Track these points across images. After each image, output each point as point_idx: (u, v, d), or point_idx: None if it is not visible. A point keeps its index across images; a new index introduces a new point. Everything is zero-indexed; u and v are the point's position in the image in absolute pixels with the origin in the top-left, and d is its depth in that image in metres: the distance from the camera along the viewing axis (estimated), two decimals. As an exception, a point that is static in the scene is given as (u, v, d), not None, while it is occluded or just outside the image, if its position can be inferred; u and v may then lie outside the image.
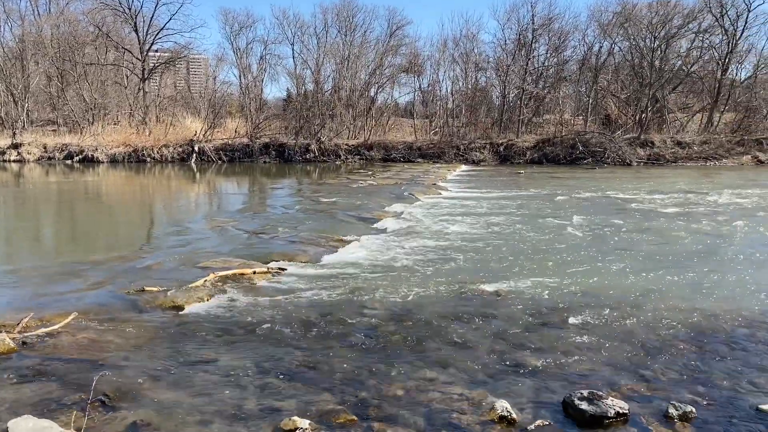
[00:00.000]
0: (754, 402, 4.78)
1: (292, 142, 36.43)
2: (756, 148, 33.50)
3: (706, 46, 39.03)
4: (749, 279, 8.63)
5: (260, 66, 43.92)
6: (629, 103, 39.33)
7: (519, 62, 40.24)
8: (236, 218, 14.61)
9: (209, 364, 5.59)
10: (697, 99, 40.67)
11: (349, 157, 36.06)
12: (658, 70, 37.24)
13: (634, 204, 16.58)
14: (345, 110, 39.68)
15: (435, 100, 43.76)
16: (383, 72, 42.45)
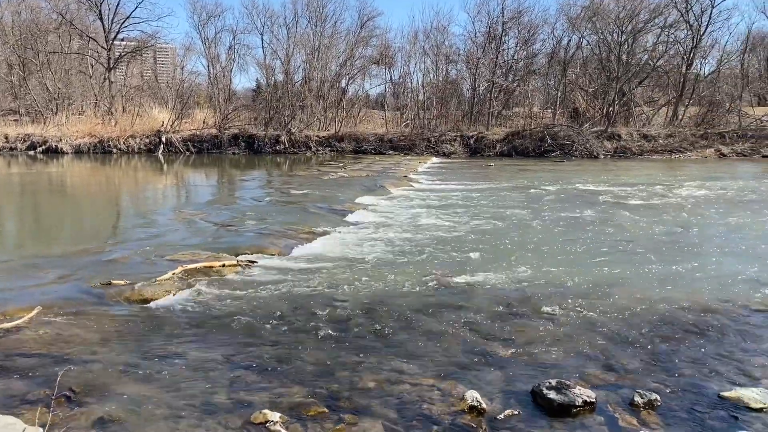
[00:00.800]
0: (717, 389, 4.90)
1: (261, 133, 36.09)
2: (719, 142, 34.27)
3: (672, 41, 39.77)
4: (713, 269, 8.84)
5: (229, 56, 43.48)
6: (597, 97, 39.86)
7: (489, 55, 40.47)
8: (205, 210, 14.44)
9: (178, 357, 5.53)
10: (662, 93, 41.41)
11: (319, 148, 35.88)
12: (625, 64, 37.80)
13: (601, 196, 16.83)
14: (315, 101, 39.45)
15: (406, 92, 43.79)
16: (354, 63, 42.32)
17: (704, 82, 40.19)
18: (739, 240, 11.00)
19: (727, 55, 41.23)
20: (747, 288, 7.81)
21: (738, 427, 4.30)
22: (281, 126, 36.60)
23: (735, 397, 4.72)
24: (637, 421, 4.42)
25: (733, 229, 12.13)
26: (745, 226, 12.41)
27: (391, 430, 4.29)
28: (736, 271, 8.73)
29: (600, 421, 4.43)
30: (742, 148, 33.70)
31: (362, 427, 4.33)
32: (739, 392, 4.77)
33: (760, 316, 6.74)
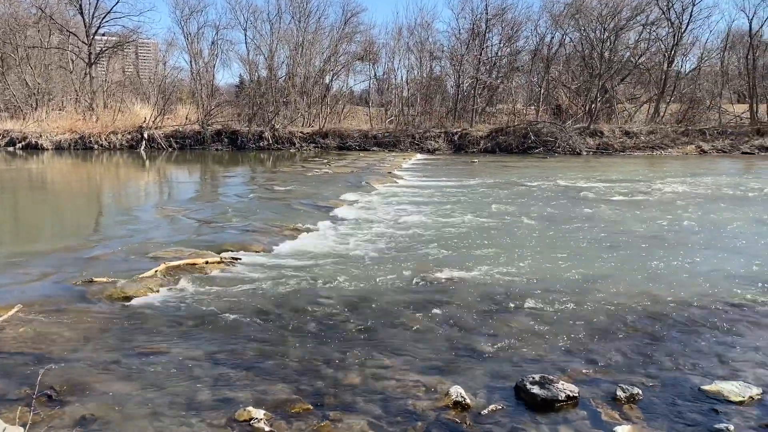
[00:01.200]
0: (697, 383, 4.97)
1: (245, 129, 35.88)
2: (699, 138, 34.65)
3: (653, 39, 40.13)
4: (694, 264, 8.94)
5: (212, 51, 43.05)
6: (579, 94, 40.12)
7: (473, 52, 40.53)
8: (188, 207, 14.34)
9: (161, 355, 5.49)
10: (644, 90, 41.78)
11: (303, 145, 35.75)
12: (608, 61, 38.07)
13: (583, 192, 16.95)
14: (299, 97, 39.30)
15: (390, 89, 43.72)
16: (338, 59, 42.19)
17: (685, 80, 40.61)
18: (719, 236, 11.14)
19: (708, 52, 41.69)
20: (727, 283, 7.91)
21: (718, 420, 4.36)
22: (265, 122, 36.42)
23: (715, 391, 4.78)
24: (620, 415, 4.46)
25: (714, 225, 12.27)
26: (725, 222, 12.56)
27: (375, 426, 4.30)
28: (717, 266, 8.84)
29: (583, 416, 4.47)
30: (722, 145, 34.11)
31: (347, 423, 4.33)
32: (719, 386, 4.83)
33: (740, 311, 6.84)
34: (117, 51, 44.24)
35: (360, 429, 4.26)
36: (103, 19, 40.74)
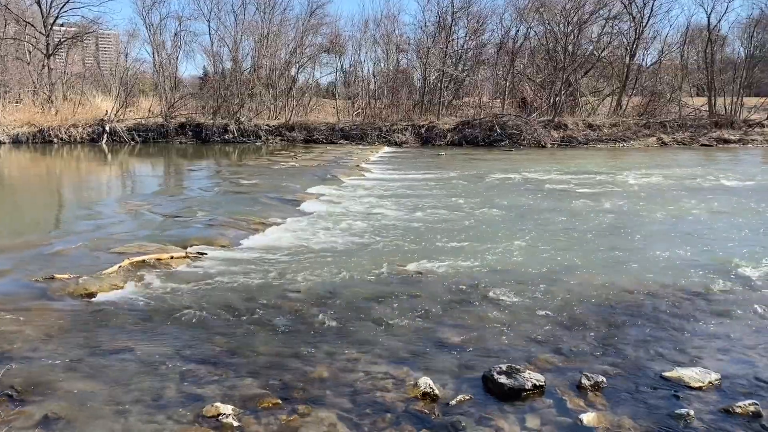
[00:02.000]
0: (659, 369, 5.09)
1: (209, 122, 35.38)
2: (660, 131, 35.35)
3: (616, 33, 40.72)
4: (655, 254, 9.15)
5: (175, 43, 42.21)
6: (544, 87, 40.53)
7: (439, 45, 40.62)
8: (151, 201, 14.10)
9: (125, 352, 5.40)
10: (607, 83, 42.41)
11: (269, 137, 35.40)
12: (571, 55, 38.53)
13: (548, 185, 17.18)
14: (265, 90, 38.88)
15: (357, 81, 43.58)
16: (304, 51, 41.83)
17: (646, 73, 41.37)
18: (680, 226, 11.41)
19: (668, 46, 42.52)
20: (687, 272, 8.11)
21: (679, 405, 4.48)
22: (230, 115, 35.96)
23: (676, 377, 4.91)
24: (585, 402, 4.55)
25: (674, 215, 12.57)
26: (685, 212, 12.88)
27: (344, 419, 4.30)
28: (678, 256, 9.05)
29: (549, 404, 4.54)
30: (682, 137, 34.87)
31: (316, 417, 4.33)
32: (679, 372, 4.96)
33: (699, 299, 7.02)
34: (76, 42, 43.11)
35: (329, 422, 4.26)
36: (62, 9, 39.67)
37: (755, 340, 5.81)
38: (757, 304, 6.81)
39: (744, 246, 9.66)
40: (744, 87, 39.61)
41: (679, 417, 4.30)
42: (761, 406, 4.41)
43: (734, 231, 10.97)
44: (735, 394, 4.67)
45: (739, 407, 4.39)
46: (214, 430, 4.14)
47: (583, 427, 4.20)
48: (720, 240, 10.17)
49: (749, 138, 34.73)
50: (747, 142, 34.38)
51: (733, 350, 5.55)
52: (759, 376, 5.00)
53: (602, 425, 4.22)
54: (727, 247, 9.58)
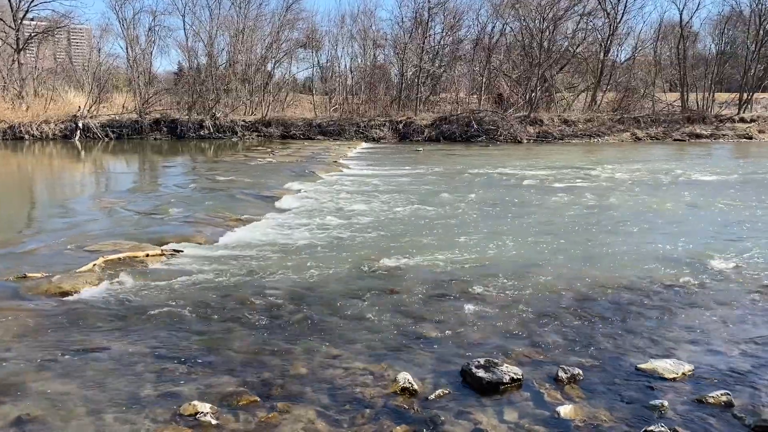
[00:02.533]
0: (634, 362, 5.17)
1: (185, 117, 35.00)
2: (634, 126, 35.82)
3: (590, 29, 41.16)
4: (630, 248, 9.27)
5: (149, 38, 41.59)
6: (520, 83, 40.80)
7: (416, 40, 40.64)
8: (126, 198, 13.91)
9: (101, 351, 5.33)
10: (581, 79, 42.84)
11: (246, 133, 35.13)
12: (547, 51, 38.83)
13: (525, 180, 17.31)
14: (241, 85, 38.55)
15: (334, 77, 43.45)
16: (280, 46, 41.56)
17: (620, 69, 41.86)
18: (653, 220, 11.58)
19: (642, 42, 43.13)
20: (661, 265, 8.24)
21: (653, 396, 4.55)
22: (205, 110, 35.61)
23: (650, 369, 4.98)
24: (561, 395, 4.60)
25: (648, 209, 12.75)
26: (659, 206, 13.07)
27: (324, 415, 4.30)
28: (652, 249, 9.19)
29: (526, 397, 4.59)
30: (656, 132, 35.38)
31: (295, 414, 4.31)
32: (654, 364, 5.04)
33: (672, 292, 7.14)
34: (47, 37, 42.28)
35: (308, 419, 4.25)
36: (32, 2, 38.79)
37: (727, 331, 5.92)
38: (728, 296, 6.95)
39: (716, 239, 9.84)
40: (715, 83, 40.31)
41: (653, 408, 4.37)
42: (733, 395, 4.50)
43: (707, 224, 11.16)
44: (708, 384, 4.75)
45: (712, 397, 4.47)
46: (192, 428, 4.11)
47: (560, 420, 4.25)
48: (693, 233, 10.34)
49: (720, 133, 35.36)
50: (718, 137, 35.00)
51: (706, 342, 5.66)
52: (731, 366, 5.10)
53: (579, 417, 4.27)
54: (700, 241, 9.74)
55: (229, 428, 4.13)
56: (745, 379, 4.87)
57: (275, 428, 4.14)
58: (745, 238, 9.92)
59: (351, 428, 4.14)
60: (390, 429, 4.10)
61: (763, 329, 5.98)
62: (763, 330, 5.96)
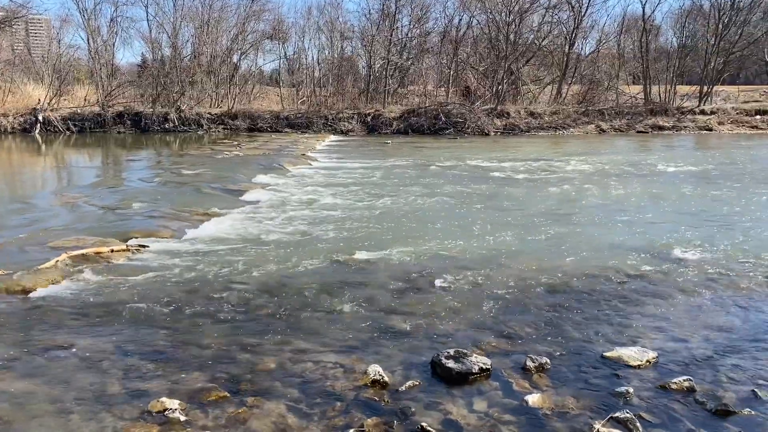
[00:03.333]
0: (600, 350, 5.27)
1: (149, 110, 34.38)
2: (599, 118, 36.36)
3: (555, 22, 41.58)
4: (595, 238, 9.43)
5: (111, 29, 40.69)
6: (487, 75, 41.05)
7: (383, 32, 40.58)
8: (89, 193, 13.63)
9: (65, 349, 5.22)
10: (547, 72, 43.30)
11: (212, 126, 34.66)
12: (513, 44, 39.13)
13: (493, 172, 17.45)
14: (206, 77, 38.03)
15: (301, 69, 43.13)
16: (246, 38, 41.07)
17: (585, 62, 42.42)
18: (618, 211, 11.78)
19: (606, 36, 43.76)
20: (625, 255, 8.40)
21: (619, 383, 4.65)
22: (170, 103, 35.04)
23: (616, 357, 5.09)
24: (530, 384, 4.67)
25: (612, 200, 12.97)
26: (623, 197, 13.31)
27: (294, 409, 4.29)
28: (617, 239, 9.36)
29: (495, 386, 4.64)
30: (619, 124, 35.97)
31: (265, 409, 4.30)
32: (619, 352, 5.15)
33: (637, 281, 7.29)
34: (4, 27, 41.00)
35: (278, 413, 4.24)
36: (-13, -9, 37.72)
37: (690, 319, 6.08)
38: (690, 285, 7.12)
39: (679, 229, 10.07)
40: (677, 75, 41.11)
41: (619, 395, 4.47)
42: (695, 381, 4.63)
43: (670, 215, 11.41)
44: (671, 371, 4.88)
45: (675, 383, 4.59)
46: (161, 425, 4.06)
47: (528, 408, 4.31)
48: (656, 224, 10.56)
49: (682, 125, 36.10)
50: (680, 128, 35.74)
51: (669, 329, 5.79)
52: (693, 353, 5.24)
53: (547, 405, 4.34)
54: (663, 231, 9.96)
55: (198, 424, 4.10)
56: (707, 365, 5.01)
57: (245, 423, 4.11)
58: (706, 228, 10.17)
59: (322, 421, 4.14)
60: (361, 421, 4.11)
61: (724, 316, 6.15)
62: (724, 317, 6.13)
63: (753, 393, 4.50)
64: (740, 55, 43.15)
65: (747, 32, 40.69)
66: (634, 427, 4.01)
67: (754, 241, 9.23)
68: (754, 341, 5.50)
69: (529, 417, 4.21)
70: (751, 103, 41.38)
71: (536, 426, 4.10)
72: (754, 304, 6.53)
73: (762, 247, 8.82)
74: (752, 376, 4.79)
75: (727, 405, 4.29)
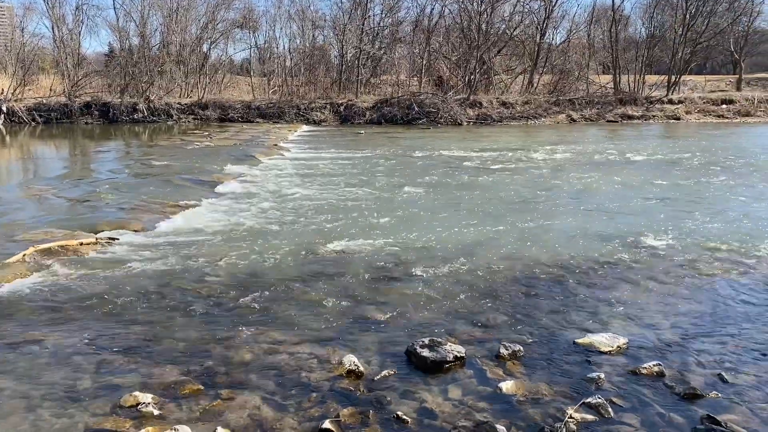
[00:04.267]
0: (572, 337, 5.35)
1: (117, 101, 33.78)
2: (569, 108, 36.75)
3: (527, 12, 41.85)
4: (566, 227, 9.55)
5: (76, 17, 39.83)
6: (459, 65, 41.16)
7: (355, 22, 40.38)
8: (56, 185, 13.35)
9: (34, 345, 5.12)
10: (519, 62, 43.57)
11: (182, 116, 34.20)
12: (485, 34, 39.25)
13: (466, 162, 17.52)
14: (176, 67, 37.48)
15: (272, 58, 42.75)
16: (216, 27, 40.56)
17: (556, 52, 42.78)
18: (589, 199, 11.94)
19: (576, 26, 44.19)
20: (596, 243, 8.52)
21: (590, 369, 4.72)
22: (139, 93, 34.47)
23: (587, 343, 5.17)
24: (503, 371, 4.72)
25: (583, 188, 13.13)
26: (593, 185, 13.48)
27: (269, 401, 4.28)
28: (588, 228, 9.48)
29: (470, 374, 4.68)
30: (590, 114, 36.40)
31: (240, 401, 4.27)
32: (591, 338, 5.23)
33: (607, 268, 7.40)
34: (-36, 15, 39.91)
35: (254, 405, 4.22)
36: (-54, -22, 36.57)
37: (659, 305, 6.19)
38: (660, 272, 7.26)
39: (648, 218, 10.23)
40: (645, 65, 41.70)
41: (591, 380, 4.54)
42: (664, 366, 4.72)
43: (640, 203, 11.59)
44: (641, 356, 4.97)
45: (645, 368, 4.68)
46: (134, 420, 4.02)
47: (502, 395, 4.36)
48: (626, 212, 10.72)
49: (651, 114, 36.67)
50: (649, 117, 36.29)
51: (639, 316, 5.90)
52: (662, 338, 5.35)
53: (520, 392, 4.39)
54: (633, 219, 10.12)
55: (172, 418, 4.06)
56: (675, 350, 5.11)
57: (220, 416, 4.09)
58: (675, 216, 10.36)
59: (297, 412, 4.14)
60: (336, 411, 4.12)
61: (692, 303, 6.28)
62: (692, 303, 6.26)
63: (719, 377, 4.61)
64: (707, 45, 43.98)
65: (713, 23, 41.45)
66: (605, 412, 4.08)
67: (721, 228, 9.43)
68: (720, 326, 5.63)
69: (503, 404, 4.26)
70: (717, 92, 42.20)
71: (510, 412, 4.15)
72: (720, 290, 6.68)
73: (729, 234, 9.02)
74: (719, 361, 4.90)
75: (694, 389, 4.39)
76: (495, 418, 4.04)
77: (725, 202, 11.63)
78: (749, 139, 26.47)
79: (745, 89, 43.89)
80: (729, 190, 12.83)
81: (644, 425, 3.98)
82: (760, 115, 36.84)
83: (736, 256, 7.90)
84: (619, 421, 4.03)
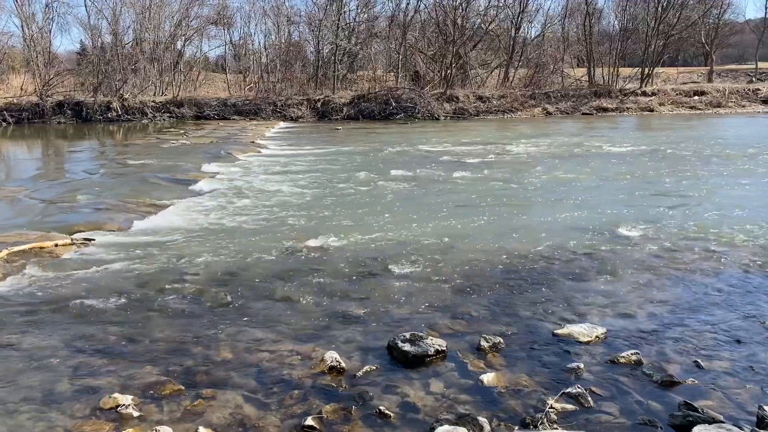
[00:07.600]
0: (551, 328, 5.40)
1: (90, 100, 33.29)
2: (545, 101, 37.06)
3: (502, 6, 42.03)
4: (544, 219, 9.63)
5: (46, 15, 39.14)
6: (435, 60, 41.24)
7: (331, 17, 40.23)
8: (29, 186, 13.13)
9: (9, 348, 5.04)
10: (494, 56, 43.79)
11: (157, 115, 33.83)
12: (461, 28, 39.36)
13: (443, 156, 17.58)
14: (149, 64, 37.02)
15: (248, 55, 42.45)
16: (190, 24, 40.13)
17: (531, 46, 43.09)
18: (566, 191, 12.05)
19: (550, 19, 44.57)
20: (574, 234, 8.60)
21: (570, 360, 4.78)
22: (112, 92, 34.01)
23: (566, 334, 5.22)
24: (484, 363, 4.75)
25: (560, 181, 13.25)
26: (570, 178, 13.61)
27: (251, 399, 4.26)
28: (565, 219, 9.57)
29: (451, 368, 4.71)
30: (565, 107, 36.74)
31: (221, 400, 4.25)
32: (569, 329, 5.29)
33: (585, 260, 7.48)
34: (-70, 13, 38.99)
35: (235, 404, 4.20)
36: None
37: (636, 295, 6.28)
38: (637, 263, 7.35)
39: (624, 208, 10.36)
40: (619, 58, 42.16)
41: (570, 371, 4.59)
42: (642, 354, 4.79)
43: (616, 194, 11.73)
44: (619, 345, 5.03)
45: (623, 357, 4.74)
46: (113, 422, 3.97)
47: (483, 387, 4.39)
48: (604, 204, 10.84)
49: (625, 106, 37.13)
50: (623, 110, 36.75)
51: (617, 306, 5.97)
52: (640, 327, 5.42)
53: (501, 384, 4.43)
54: (610, 210, 10.23)
55: (153, 419, 4.02)
56: (653, 338, 5.19)
57: (201, 415, 4.06)
58: (650, 206, 10.50)
59: (280, 410, 4.13)
60: (319, 408, 4.11)
61: (668, 292, 6.38)
62: (668, 292, 6.36)
63: (696, 364, 4.69)
64: (678, 38, 44.57)
65: (685, 15, 42.03)
66: (585, 401, 4.13)
67: (696, 218, 9.58)
68: (696, 314, 5.72)
69: (484, 396, 4.29)
70: (689, 84, 42.88)
71: (492, 404, 4.18)
72: (696, 279, 6.79)
73: (704, 223, 9.17)
74: (695, 348, 4.99)
75: (672, 376, 4.46)
76: (477, 410, 4.06)
77: (699, 192, 11.82)
78: (721, 129, 26.94)
79: (716, 80, 44.65)
80: (703, 181, 13.04)
81: (623, 413, 4.04)
82: (731, 105, 37.51)
83: (712, 245, 8.04)
84: (598, 410, 4.08)
